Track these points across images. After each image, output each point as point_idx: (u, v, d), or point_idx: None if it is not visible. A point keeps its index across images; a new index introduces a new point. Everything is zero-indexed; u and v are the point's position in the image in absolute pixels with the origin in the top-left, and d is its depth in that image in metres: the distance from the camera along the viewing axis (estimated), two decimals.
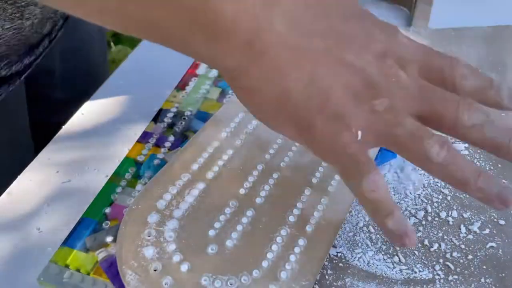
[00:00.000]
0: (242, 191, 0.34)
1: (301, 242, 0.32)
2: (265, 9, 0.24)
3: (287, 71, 0.25)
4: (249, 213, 0.33)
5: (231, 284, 0.29)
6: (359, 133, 0.25)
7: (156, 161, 0.39)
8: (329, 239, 0.32)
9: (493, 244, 0.34)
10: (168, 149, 0.40)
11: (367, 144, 0.26)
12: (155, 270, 0.29)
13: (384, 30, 0.27)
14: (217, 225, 0.32)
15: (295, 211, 0.33)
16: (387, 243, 0.34)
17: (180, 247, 0.30)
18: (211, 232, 0.31)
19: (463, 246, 0.34)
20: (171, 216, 0.32)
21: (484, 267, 0.33)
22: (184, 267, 0.30)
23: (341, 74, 0.25)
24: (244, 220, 0.32)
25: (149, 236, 0.31)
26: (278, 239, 0.31)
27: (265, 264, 0.30)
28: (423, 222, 0.36)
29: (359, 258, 0.33)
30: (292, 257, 0.31)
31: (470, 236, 0.35)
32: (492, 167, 0.39)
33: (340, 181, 0.34)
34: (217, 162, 0.36)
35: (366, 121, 0.25)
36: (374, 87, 0.25)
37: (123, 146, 0.43)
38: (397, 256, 0.33)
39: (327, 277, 0.32)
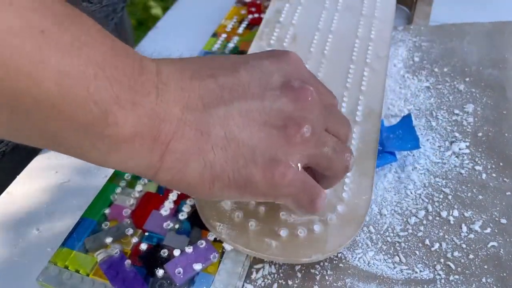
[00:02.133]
0: None
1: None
2: (161, 103, 0.24)
3: (199, 146, 0.25)
4: None
5: None
6: (299, 165, 0.27)
7: None
8: (372, 158, 0.36)
9: (495, 244, 0.34)
10: None
11: (303, 168, 0.28)
12: (238, 217, 0.33)
13: (273, 58, 0.28)
14: None
15: None
16: (388, 243, 0.34)
17: None
18: None
19: (464, 246, 0.34)
20: None
21: (485, 266, 0.33)
22: (261, 209, 0.33)
23: (254, 121, 0.26)
24: None
25: None
26: None
27: (328, 191, 0.33)
28: (424, 222, 0.35)
29: (359, 258, 0.33)
30: (347, 180, 0.35)
31: (471, 236, 0.34)
32: (493, 166, 0.39)
33: (364, 110, 0.39)
34: None
35: (299, 151, 0.27)
36: (292, 118, 0.26)
37: None
38: (398, 256, 0.33)
39: (327, 277, 0.32)
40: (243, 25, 0.54)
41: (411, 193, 0.37)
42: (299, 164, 0.27)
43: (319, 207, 0.28)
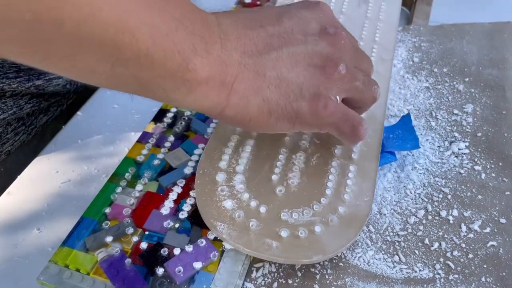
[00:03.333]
0: (287, 138, 0.38)
1: (352, 168, 0.36)
2: (225, 51, 0.29)
3: (257, 85, 0.30)
4: (300, 155, 0.37)
5: (306, 213, 0.33)
6: (338, 98, 0.31)
7: (156, 161, 0.39)
8: (374, 160, 0.37)
9: (494, 243, 0.34)
10: (168, 149, 0.40)
11: (341, 100, 0.32)
12: (239, 217, 0.33)
13: (308, 8, 0.33)
14: (276, 170, 0.36)
15: (338, 145, 0.37)
16: (388, 242, 0.34)
17: (253, 194, 0.34)
18: (274, 177, 0.35)
19: (463, 245, 0.34)
20: (235, 172, 0.36)
21: (485, 266, 0.33)
22: (263, 209, 0.33)
23: (300, 62, 0.31)
24: (298, 161, 0.37)
25: (223, 192, 0.34)
26: (332, 170, 0.36)
27: (328, 192, 0.34)
28: (424, 221, 0.35)
29: (359, 257, 0.33)
30: (349, 181, 0.35)
31: (471, 235, 0.35)
32: (493, 166, 0.39)
33: (368, 112, 0.38)
34: None
35: (337, 86, 0.31)
36: (330, 58, 0.31)
37: (123, 146, 0.43)
38: (397, 255, 0.33)
39: (327, 276, 0.32)
40: None
41: (411, 192, 0.38)
42: (338, 97, 0.31)
43: (362, 134, 0.32)
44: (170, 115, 0.43)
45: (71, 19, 0.22)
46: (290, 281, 0.32)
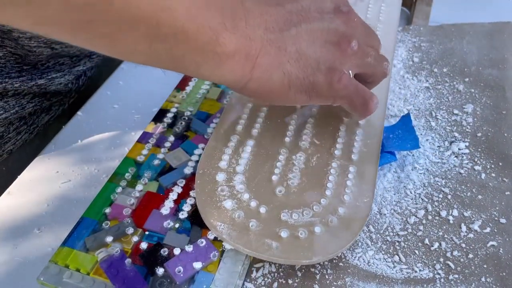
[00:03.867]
0: (287, 139, 0.38)
1: (351, 169, 0.36)
2: (249, 27, 0.31)
3: (279, 59, 0.31)
4: (300, 155, 0.37)
5: (306, 214, 0.33)
6: (350, 72, 0.34)
7: (156, 161, 0.39)
8: (374, 161, 0.37)
9: (494, 243, 0.34)
10: (168, 149, 0.40)
11: (354, 76, 0.34)
12: (238, 217, 0.33)
13: None
14: (276, 171, 0.36)
15: (338, 146, 0.38)
16: (387, 242, 0.34)
17: (253, 194, 0.34)
18: (274, 177, 0.35)
19: (463, 245, 0.34)
20: (235, 172, 0.36)
21: (485, 266, 0.33)
22: (263, 210, 0.33)
23: (317, 39, 0.33)
24: (298, 162, 0.37)
25: (223, 192, 0.34)
26: (332, 171, 0.36)
27: (328, 192, 0.34)
28: (424, 221, 0.35)
29: (359, 257, 0.33)
30: (349, 182, 0.35)
31: (471, 235, 0.35)
32: (493, 166, 0.39)
33: None
34: (257, 119, 0.40)
35: (350, 61, 0.34)
36: (344, 35, 0.33)
37: (123, 146, 0.43)
38: (397, 255, 0.33)
39: (327, 276, 0.32)
40: None
41: (411, 192, 0.38)
42: (350, 72, 0.34)
43: (372, 108, 0.35)
44: (170, 115, 0.43)
45: None
46: (290, 281, 0.32)
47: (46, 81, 0.47)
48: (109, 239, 0.33)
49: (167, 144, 0.40)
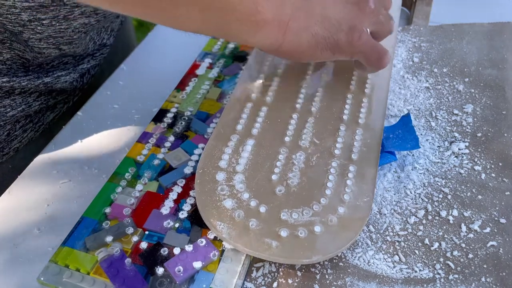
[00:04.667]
0: (287, 138, 0.38)
1: (351, 168, 0.36)
2: None
3: (307, 23, 0.35)
4: (300, 154, 0.37)
5: (306, 214, 0.33)
6: (368, 30, 0.38)
7: (156, 161, 0.39)
8: (374, 161, 0.37)
9: (494, 243, 0.34)
10: (168, 149, 0.40)
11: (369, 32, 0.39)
12: (238, 217, 0.33)
13: None
14: (276, 170, 0.36)
15: (338, 145, 0.38)
16: (387, 242, 0.34)
17: (253, 194, 0.34)
18: (274, 177, 0.36)
19: (463, 245, 0.34)
20: (235, 171, 0.36)
21: (485, 266, 0.33)
22: (262, 209, 0.33)
23: (339, 1, 0.37)
24: (297, 161, 0.37)
25: (223, 191, 0.34)
26: (332, 170, 0.36)
27: (328, 192, 0.34)
28: (424, 221, 0.35)
29: (359, 257, 0.33)
30: (349, 182, 0.35)
31: (471, 235, 0.35)
32: (493, 166, 0.39)
33: (367, 111, 0.41)
34: (257, 119, 0.40)
35: (367, 20, 0.38)
36: None
37: (123, 146, 0.43)
38: (397, 255, 0.33)
39: (327, 276, 0.32)
40: None
41: (411, 192, 0.38)
42: (368, 30, 0.38)
43: (385, 62, 0.39)
44: (170, 115, 0.43)
45: None
46: (290, 281, 0.32)
47: (52, 79, 0.48)
48: (109, 239, 0.33)
49: (167, 144, 0.40)
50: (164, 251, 0.32)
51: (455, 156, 0.40)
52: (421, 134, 0.42)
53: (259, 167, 0.36)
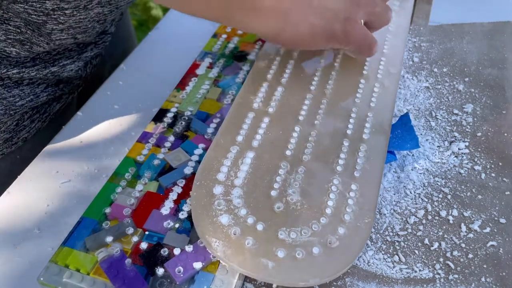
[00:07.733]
0: (288, 152, 0.37)
1: (353, 187, 0.35)
2: None
3: (306, 13, 0.37)
4: (301, 170, 0.36)
5: (305, 233, 0.32)
6: (362, 21, 0.40)
7: (156, 161, 0.39)
8: (377, 180, 0.35)
9: (494, 243, 0.34)
10: (168, 149, 0.40)
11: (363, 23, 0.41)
12: (235, 234, 0.32)
13: None
14: (276, 185, 0.35)
15: (340, 162, 0.37)
16: (387, 242, 0.34)
17: (250, 210, 0.33)
18: (273, 192, 0.34)
19: (463, 245, 0.34)
20: (233, 185, 0.35)
21: (485, 266, 0.33)
22: (260, 227, 0.32)
23: None
24: (298, 177, 0.35)
25: (219, 206, 0.33)
26: (333, 188, 0.35)
27: (328, 211, 0.33)
28: (423, 221, 0.35)
29: (359, 257, 0.33)
30: (350, 201, 0.34)
31: (471, 235, 0.35)
32: (493, 166, 0.39)
33: (372, 127, 0.39)
34: (258, 130, 0.39)
35: (362, 11, 0.39)
36: None
37: (123, 146, 0.43)
38: (397, 255, 0.33)
39: None
40: None
41: (411, 192, 0.38)
42: (362, 21, 0.40)
43: (374, 51, 0.41)
44: (170, 115, 0.43)
45: None
46: None
47: (59, 68, 0.50)
48: (109, 239, 0.33)
49: (167, 144, 0.40)
50: (164, 251, 0.32)
51: (455, 156, 0.40)
52: (421, 134, 0.42)
53: (258, 182, 0.35)
